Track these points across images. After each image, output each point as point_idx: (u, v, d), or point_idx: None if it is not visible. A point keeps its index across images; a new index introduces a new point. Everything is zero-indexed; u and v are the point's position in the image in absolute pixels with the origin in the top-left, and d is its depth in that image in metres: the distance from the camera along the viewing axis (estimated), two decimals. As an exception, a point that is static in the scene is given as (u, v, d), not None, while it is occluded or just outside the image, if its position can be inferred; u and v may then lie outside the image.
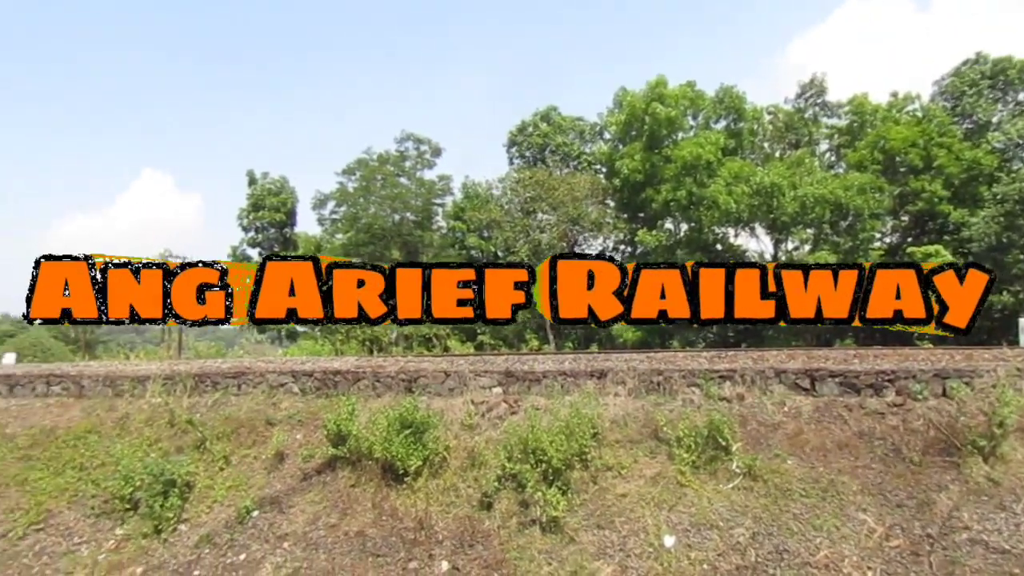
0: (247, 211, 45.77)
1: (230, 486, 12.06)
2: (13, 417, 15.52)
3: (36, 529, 12.05)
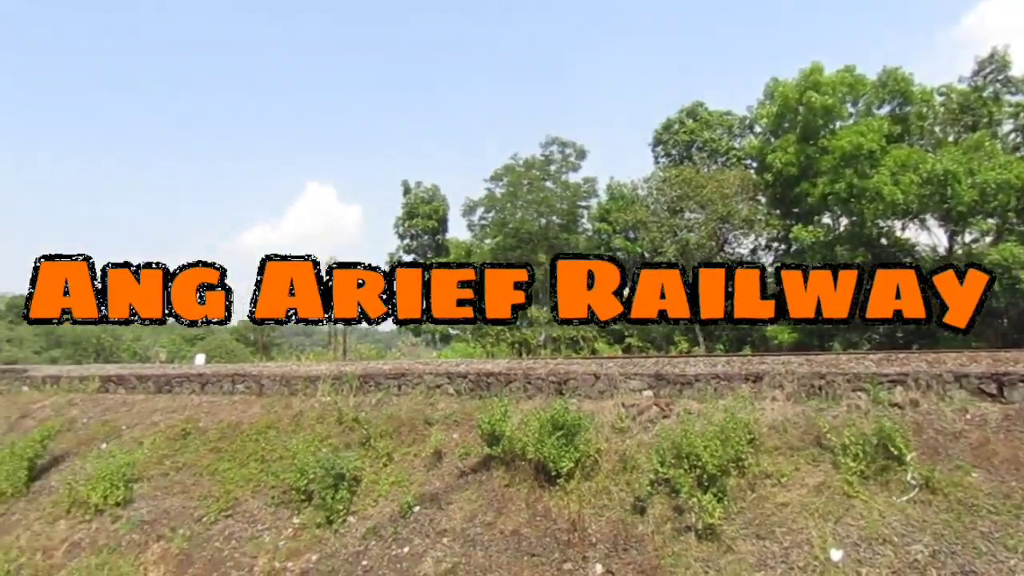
0: (402, 219, 47.85)
1: (393, 482, 12.63)
2: (205, 412, 17.10)
3: (226, 515, 13.20)
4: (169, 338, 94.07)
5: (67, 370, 24.72)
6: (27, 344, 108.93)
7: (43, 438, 17.15)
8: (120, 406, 19.10)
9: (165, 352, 47.74)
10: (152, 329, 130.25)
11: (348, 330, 39.79)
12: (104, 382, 20.90)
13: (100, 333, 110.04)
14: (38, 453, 16.79)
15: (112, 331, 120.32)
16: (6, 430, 19.79)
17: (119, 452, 16.09)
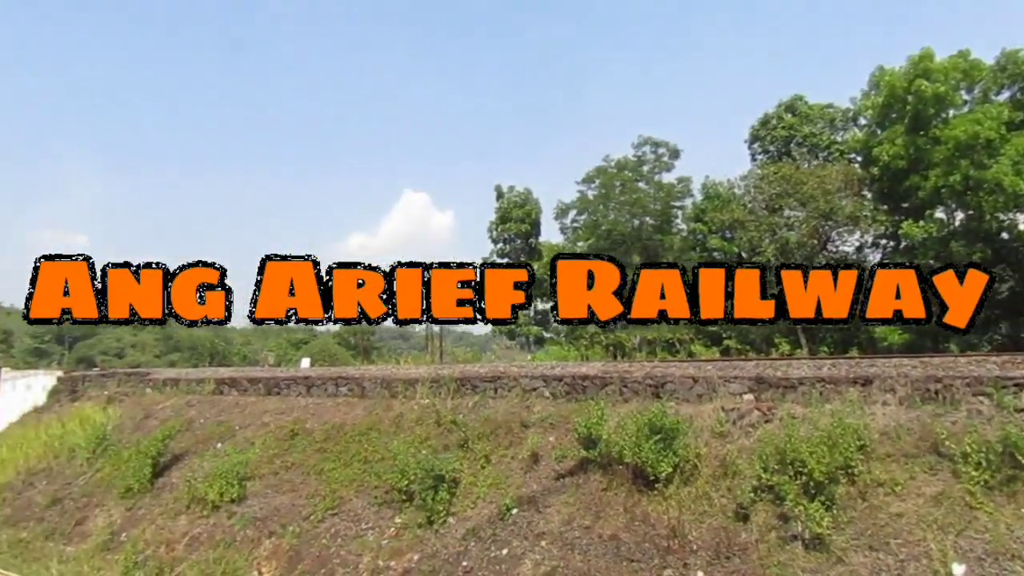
0: (495, 224, 48.29)
1: (491, 484, 12.76)
2: (311, 414, 17.77)
3: (331, 514, 13.67)
4: (276, 342, 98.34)
5: (185, 373, 26.25)
6: (148, 348, 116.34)
7: (165, 437, 18.29)
8: (233, 407, 20.11)
9: (273, 356, 49.92)
10: (261, 332, 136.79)
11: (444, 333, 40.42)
12: (219, 384, 22.06)
13: (213, 337, 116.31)
14: (160, 451, 17.91)
15: (224, 335, 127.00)
16: (132, 429, 21.20)
17: (233, 451, 16.94)
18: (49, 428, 23.88)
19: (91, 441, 20.67)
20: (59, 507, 18.54)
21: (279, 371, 23.82)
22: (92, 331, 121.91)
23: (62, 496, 18.97)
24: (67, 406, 26.77)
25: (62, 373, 35.06)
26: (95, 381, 28.07)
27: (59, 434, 22.85)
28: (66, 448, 21.61)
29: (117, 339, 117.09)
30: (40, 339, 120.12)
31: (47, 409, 28.38)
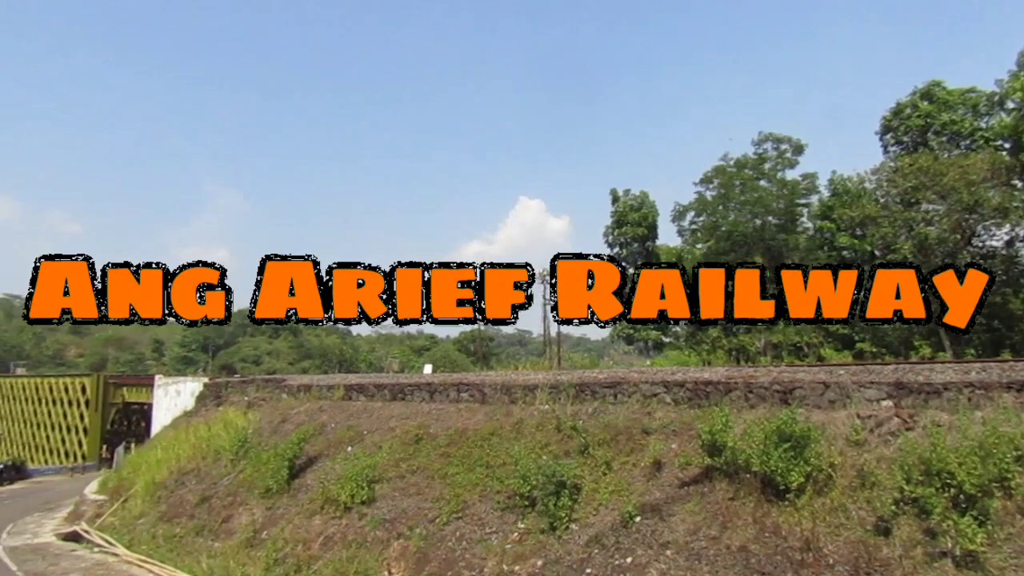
0: (611, 228, 47.93)
1: (613, 491, 12.63)
2: (434, 419, 18.24)
3: (456, 517, 13.96)
4: (399, 349, 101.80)
5: (316, 379, 27.59)
6: (283, 356, 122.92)
7: (300, 440, 19.29)
8: (361, 412, 20.95)
9: (397, 362, 51.65)
10: (385, 339, 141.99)
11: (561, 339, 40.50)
12: (348, 390, 23.05)
13: (341, 344, 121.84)
14: (296, 454, 18.90)
15: (351, 342, 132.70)
16: (270, 433, 22.49)
17: (362, 455, 17.65)
18: (197, 431, 25.73)
19: (234, 444, 22.13)
20: (207, 505, 19.92)
21: (403, 377, 24.58)
22: (233, 339, 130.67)
23: (210, 495, 20.38)
24: (212, 410, 28.76)
25: (207, 379, 37.79)
26: (236, 387, 30.00)
27: (206, 436, 24.58)
28: (212, 450, 23.22)
29: (254, 347, 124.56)
30: (187, 347, 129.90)
31: (195, 413, 30.59)
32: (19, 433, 62.09)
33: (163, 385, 43.41)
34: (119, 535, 20.90)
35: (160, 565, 17.43)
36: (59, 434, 56.96)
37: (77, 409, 55.34)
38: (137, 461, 27.62)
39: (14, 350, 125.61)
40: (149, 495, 22.96)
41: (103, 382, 56.31)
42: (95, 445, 52.80)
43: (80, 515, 24.80)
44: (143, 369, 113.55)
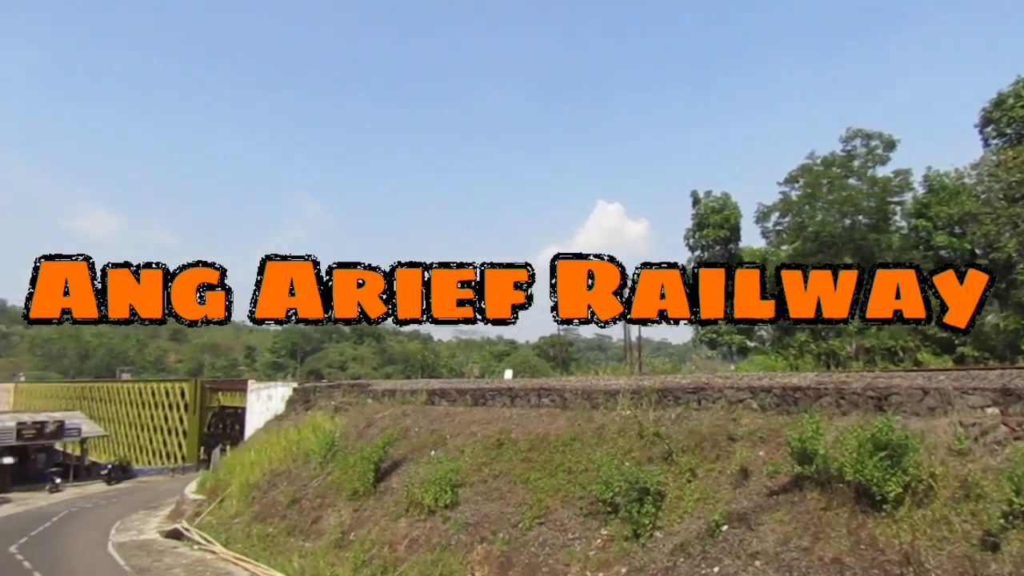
0: (692, 231, 47.02)
1: (698, 498, 12.38)
2: (515, 424, 18.31)
3: (539, 522, 13.97)
4: (479, 354, 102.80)
5: (400, 384, 28.15)
6: (367, 361, 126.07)
7: (385, 444, 19.72)
8: (444, 417, 21.24)
9: (478, 367, 52.16)
10: (465, 344, 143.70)
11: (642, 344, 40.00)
12: (430, 395, 23.42)
13: (422, 350, 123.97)
14: (381, 457, 19.33)
15: (432, 348, 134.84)
16: (356, 436, 23.07)
17: (445, 459, 17.89)
18: (288, 434, 26.65)
19: (322, 447, 22.81)
20: (298, 506, 20.60)
21: (484, 382, 24.79)
22: (320, 345, 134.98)
23: (300, 496, 21.07)
24: (301, 414, 29.74)
25: (296, 384, 39.08)
26: (324, 392, 30.92)
27: (296, 439, 25.43)
28: (302, 453, 24.00)
29: (340, 353, 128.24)
30: (277, 353, 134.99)
31: (285, 417, 31.71)
32: (125, 435, 65.79)
33: (255, 390, 45.18)
34: (216, 533, 21.86)
35: (255, 563, 18.13)
36: (161, 436, 60.01)
37: (177, 413, 58.17)
38: (232, 463, 28.82)
39: (119, 356, 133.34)
40: (244, 495, 23.92)
41: (200, 387, 59.01)
42: (193, 447, 55.36)
43: (180, 513, 26.07)
44: (236, 374, 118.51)
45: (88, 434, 48.72)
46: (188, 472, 48.33)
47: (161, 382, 68.22)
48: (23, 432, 42.03)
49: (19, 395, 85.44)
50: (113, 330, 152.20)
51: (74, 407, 64.68)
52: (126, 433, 65.87)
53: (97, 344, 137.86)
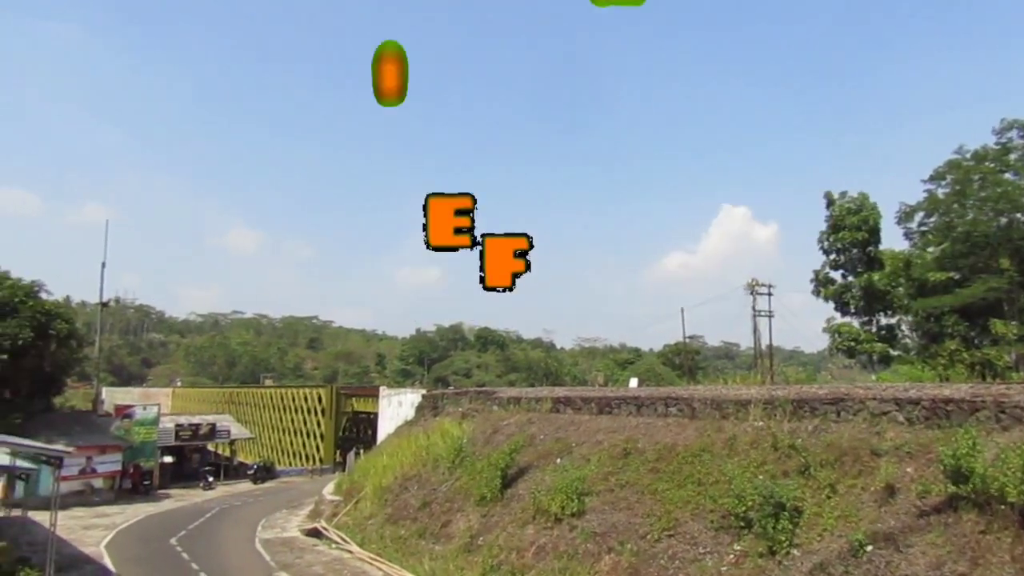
0: (827, 234, 44.83)
1: (839, 516, 11.78)
2: (642, 433, 18.10)
3: (668, 534, 13.74)
4: (603, 362, 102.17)
5: (525, 392, 28.49)
6: (491, 369, 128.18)
7: (511, 451, 20.00)
8: (569, 425, 21.30)
9: (602, 375, 51.90)
10: (588, 352, 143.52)
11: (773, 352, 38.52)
12: (555, 403, 23.54)
13: (546, 357, 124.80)
14: (508, 464, 19.61)
15: (555, 355, 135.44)
16: (483, 443, 23.54)
17: (571, 467, 17.93)
18: (417, 439, 27.55)
19: (451, 452, 23.44)
20: (428, 510, 21.25)
21: (609, 391, 24.70)
22: (446, 353, 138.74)
23: (430, 500, 21.72)
24: (430, 420, 30.68)
25: (425, 391, 40.38)
26: (451, 399, 31.76)
27: (425, 445, 26.25)
28: (431, 458, 24.74)
29: (465, 360, 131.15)
30: (405, 361, 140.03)
31: (415, 422, 32.81)
32: (268, 437, 70.14)
33: (387, 396, 47.03)
34: (352, 533, 22.90)
35: (388, 564, 18.85)
36: (300, 439, 63.51)
37: (315, 417, 61.41)
38: (366, 466, 30.12)
39: (262, 363, 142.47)
40: (377, 498, 24.94)
41: (335, 393, 62.10)
42: (330, 450, 58.19)
43: (319, 513, 27.48)
44: (368, 381, 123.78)
45: (236, 436, 52.24)
46: (325, 474, 50.77)
47: (300, 388, 72.26)
48: (180, 433, 45.68)
49: (176, 399, 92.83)
50: (256, 339, 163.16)
51: (223, 410, 69.54)
52: (269, 435, 70.17)
53: (242, 352, 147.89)
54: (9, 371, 34.00)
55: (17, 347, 33.41)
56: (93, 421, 41.44)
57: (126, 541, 24.21)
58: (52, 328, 35.93)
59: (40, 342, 35.37)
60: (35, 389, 38.04)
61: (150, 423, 41.81)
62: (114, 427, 40.21)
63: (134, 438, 40.07)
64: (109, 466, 36.76)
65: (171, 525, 27.84)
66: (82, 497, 33.98)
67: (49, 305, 37.66)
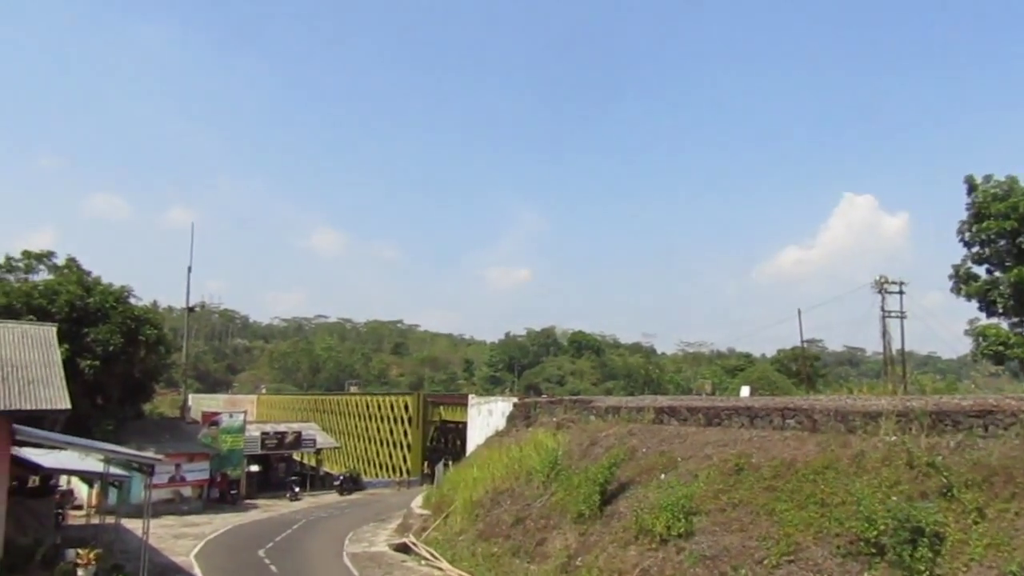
0: (968, 223, 42.41)
1: (988, 544, 11.12)
2: (756, 448, 17.62)
3: (787, 560, 13.32)
4: (709, 369, 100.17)
5: (625, 401, 28.25)
6: (586, 376, 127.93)
7: (610, 465, 19.88)
8: (674, 437, 20.97)
9: (710, 383, 50.85)
10: (692, 358, 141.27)
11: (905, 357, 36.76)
12: (658, 413, 23.24)
13: (646, 364, 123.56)
14: (607, 479, 19.49)
15: (656, 361, 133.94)
16: (580, 456, 23.48)
17: (676, 484, 17.63)
18: (509, 451, 27.76)
19: (545, 466, 23.49)
20: (521, 527, 21.38)
21: (718, 400, 24.19)
22: (537, 358, 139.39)
23: (523, 516, 21.85)
24: (522, 431, 30.84)
25: (516, 399, 40.64)
26: (545, 408, 31.84)
27: (517, 457, 26.42)
28: (524, 471, 24.88)
29: (558, 367, 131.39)
30: (494, 367, 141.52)
31: (506, 433, 33.06)
32: (353, 446, 72.29)
33: (476, 404, 47.65)
34: (442, 549, 23.29)
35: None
36: (386, 449, 65.15)
37: (401, 426, 62.84)
38: (455, 478, 30.59)
39: (347, 370, 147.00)
40: (467, 512, 25.28)
41: (422, 401, 63.32)
42: (417, 461, 59.41)
43: (408, 527, 28.10)
44: (455, 388, 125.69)
45: (322, 445, 53.99)
46: (413, 486, 51.90)
47: (386, 395, 74.06)
48: (266, 442, 47.68)
49: (261, 406, 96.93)
50: (341, 344, 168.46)
51: (308, 418, 72.16)
52: (355, 445, 72.31)
53: (327, 357, 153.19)
54: (101, 377, 36.35)
55: (108, 353, 35.86)
56: (181, 428, 43.87)
57: (215, 551, 25.49)
58: (141, 334, 38.34)
59: (130, 348, 37.79)
60: (125, 395, 40.67)
61: (236, 431, 43.93)
62: (201, 435, 42.44)
63: (221, 446, 42.25)
64: (197, 474, 38.93)
65: (259, 536, 29.10)
66: (171, 505, 36.14)
67: (138, 311, 40.23)
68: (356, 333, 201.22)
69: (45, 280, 39.78)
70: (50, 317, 31.68)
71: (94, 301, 37.01)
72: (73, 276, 39.75)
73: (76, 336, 34.92)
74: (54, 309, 35.09)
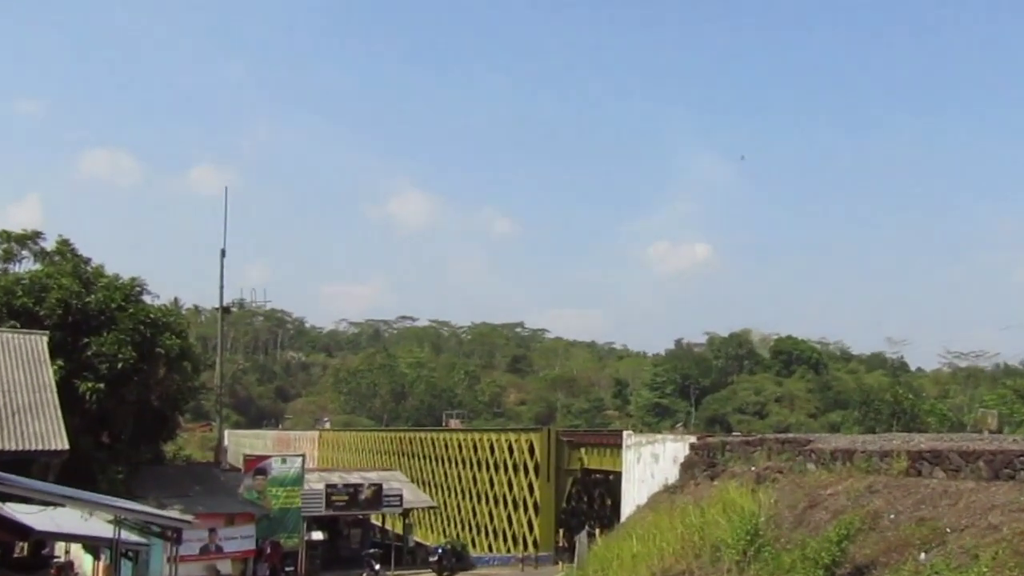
0: None
1: None
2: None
3: None
4: (993, 393, 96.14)
5: (861, 441, 27.60)
6: (798, 403, 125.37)
7: (840, 539, 19.48)
8: (939, 497, 20.35)
9: (994, 415, 48.62)
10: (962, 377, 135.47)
11: None
12: (913, 460, 22.60)
13: (892, 384, 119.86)
14: (836, 559, 19.13)
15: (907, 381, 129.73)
16: (793, 523, 23.14)
17: (945, 568, 17.12)
18: (685, 515, 27.63)
19: (740, 537, 23.24)
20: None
21: (1009, 441, 23.28)
22: (723, 378, 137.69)
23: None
24: (704, 485, 30.65)
25: (694, 438, 40.28)
26: (737, 450, 31.52)
27: (698, 525, 26.26)
28: (708, 545, 24.73)
29: (756, 390, 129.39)
30: (660, 390, 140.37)
31: (679, 488, 32.93)
32: (456, 507, 73.46)
33: (634, 446, 47.59)
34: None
35: None
36: (502, 510, 65.72)
37: (524, 477, 62.97)
38: (605, 555, 30.69)
39: (444, 395, 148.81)
40: (625, 606, 25.37)
41: (555, 440, 62.34)
42: (549, 527, 59.56)
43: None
44: (602, 421, 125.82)
45: (412, 504, 54.66)
46: (543, 564, 52.26)
47: (501, 432, 74.08)
48: (333, 498, 48.00)
49: (323, 447, 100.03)
50: (435, 358, 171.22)
51: (391, 465, 73.51)
52: (457, 504, 73.46)
53: (415, 377, 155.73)
54: (107, 404, 37.02)
55: (116, 372, 36.41)
56: (216, 478, 45.30)
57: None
58: (159, 345, 38.92)
59: (144, 365, 38.36)
60: (140, 431, 41.19)
61: (292, 482, 44.66)
62: (243, 487, 43.33)
63: (271, 503, 43.10)
64: (239, 543, 39.54)
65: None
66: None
67: (155, 312, 40.55)
68: (456, 342, 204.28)
69: (30, 271, 40.97)
70: (39, 322, 33.11)
71: (96, 300, 37.94)
72: (67, 265, 41.00)
73: (72, 348, 36.27)
74: (43, 311, 36.46)
